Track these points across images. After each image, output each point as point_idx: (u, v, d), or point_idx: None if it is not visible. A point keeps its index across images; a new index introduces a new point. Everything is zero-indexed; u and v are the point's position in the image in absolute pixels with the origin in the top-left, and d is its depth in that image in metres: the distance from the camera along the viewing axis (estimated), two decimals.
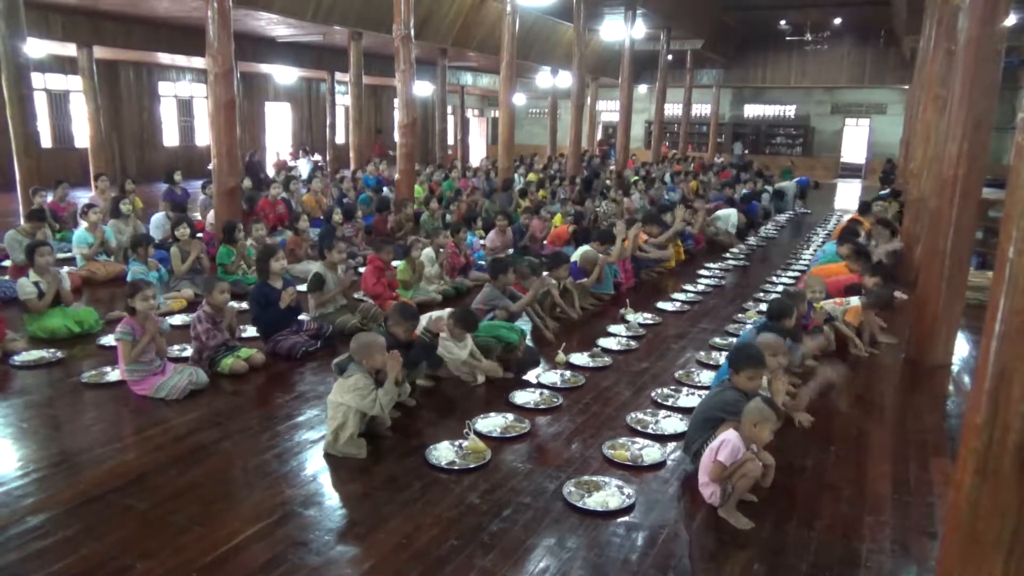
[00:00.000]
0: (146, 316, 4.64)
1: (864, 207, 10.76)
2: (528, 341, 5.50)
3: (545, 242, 9.45)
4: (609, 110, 29.78)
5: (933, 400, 5.08)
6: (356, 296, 6.77)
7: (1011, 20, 5.24)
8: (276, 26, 14.68)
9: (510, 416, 4.31)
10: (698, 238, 10.20)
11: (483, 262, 8.23)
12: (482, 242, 9.06)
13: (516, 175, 15.41)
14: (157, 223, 8.81)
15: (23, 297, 5.61)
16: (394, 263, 7.13)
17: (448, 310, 4.90)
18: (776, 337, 4.16)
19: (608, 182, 15.55)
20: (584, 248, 7.39)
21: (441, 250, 7.55)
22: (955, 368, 5.58)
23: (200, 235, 9.37)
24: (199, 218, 10.29)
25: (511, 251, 8.82)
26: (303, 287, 6.13)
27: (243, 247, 7.44)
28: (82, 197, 11.20)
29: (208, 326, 4.95)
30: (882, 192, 14.60)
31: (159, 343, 4.71)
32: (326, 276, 5.97)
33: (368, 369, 3.85)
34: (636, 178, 15.77)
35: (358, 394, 3.75)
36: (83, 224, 8.15)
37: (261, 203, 10.05)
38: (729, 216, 11.23)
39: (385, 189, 12.53)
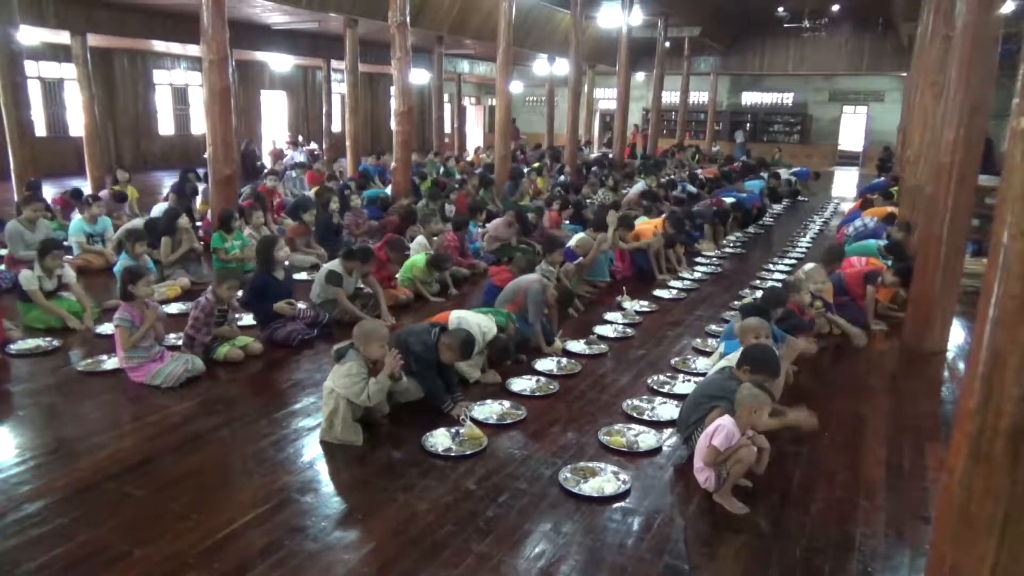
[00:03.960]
0: (143, 302, 4.64)
1: (867, 202, 10.80)
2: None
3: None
4: (606, 98, 29.65)
5: (928, 386, 5.10)
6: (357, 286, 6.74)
7: (1009, 7, 5.22)
8: (271, 13, 14.55)
9: (506, 403, 4.33)
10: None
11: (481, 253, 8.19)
12: (482, 230, 9.01)
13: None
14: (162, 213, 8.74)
15: (28, 288, 5.45)
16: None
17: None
18: (760, 320, 4.13)
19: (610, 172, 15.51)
20: (580, 235, 7.39)
21: (435, 238, 7.50)
22: (950, 354, 5.60)
23: (199, 223, 9.37)
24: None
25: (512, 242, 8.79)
26: (300, 275, 6.11)
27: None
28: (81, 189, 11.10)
29: (202, 316, 4.89)
30: (876, 182, 14.54)
31: (158, 329, 4.72)
32: (344, 277, 5.87)
33: (365, 358, 3.85)
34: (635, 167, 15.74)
35: (348, 380, 3.74)
36: (78, 214, 8.09)
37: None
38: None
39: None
